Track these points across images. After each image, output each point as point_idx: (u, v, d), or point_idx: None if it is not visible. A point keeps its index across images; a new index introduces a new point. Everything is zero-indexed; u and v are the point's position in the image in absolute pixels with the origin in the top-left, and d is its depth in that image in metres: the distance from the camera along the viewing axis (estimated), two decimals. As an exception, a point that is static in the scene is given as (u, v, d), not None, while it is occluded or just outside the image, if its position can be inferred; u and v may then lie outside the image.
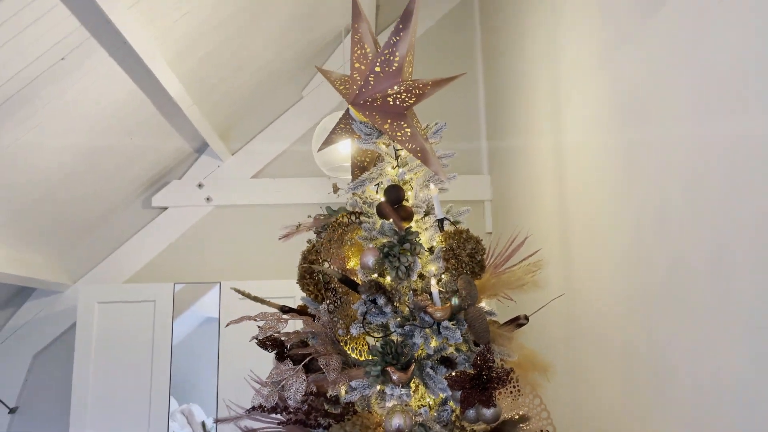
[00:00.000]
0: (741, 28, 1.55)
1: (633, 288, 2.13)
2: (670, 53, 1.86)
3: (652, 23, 1.96)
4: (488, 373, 1.55)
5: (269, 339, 1.77)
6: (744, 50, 1.54)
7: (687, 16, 1.77)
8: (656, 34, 1.94)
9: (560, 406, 2.71)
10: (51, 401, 4.08)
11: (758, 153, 1.50)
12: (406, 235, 1.68)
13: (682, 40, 1.79)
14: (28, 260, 3.64)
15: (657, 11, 1.92)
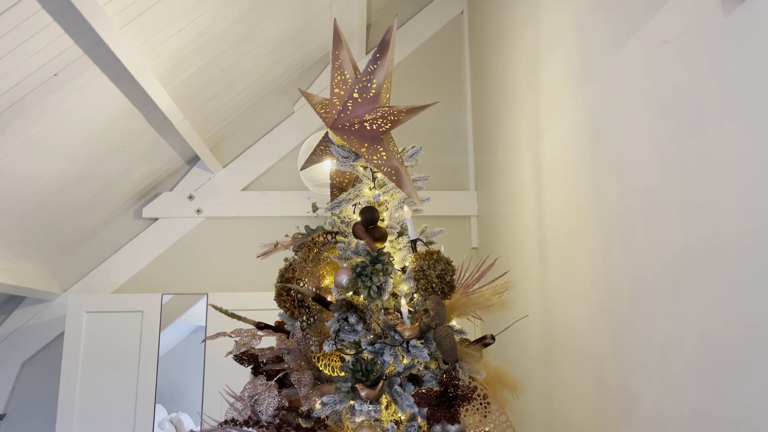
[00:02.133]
0: (697, 63, 1.63)
1: (601, 304, 2.20)
2: (635, 81, 1.95)
3: (621, 53, 2.04)
4: (454, 390, 1.61)
5: (245, 354, 1.83)
6: (700, 82, 1.62)
7: (650, 50, 1.86)
8: (624, 64, 2.02)
9: (536, 419, 2.77)
10: (38, 409, 4.11)
11: (710, 175, 1.58)
12: (379, 256, 1.75)
13: (646, 69, 1.88)
14: (19, 269, 3.69)
15: (624, 44, 2.01)
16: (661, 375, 1.80)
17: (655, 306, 1.84)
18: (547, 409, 2.72)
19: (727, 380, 1.52)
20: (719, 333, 1.55)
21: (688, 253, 1.67)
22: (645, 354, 1.89)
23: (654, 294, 1.85)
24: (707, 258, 1.59)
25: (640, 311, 1.93)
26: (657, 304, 1.83)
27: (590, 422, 2.29)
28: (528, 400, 2.82)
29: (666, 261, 1.78)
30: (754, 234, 1.42)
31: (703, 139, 1.61)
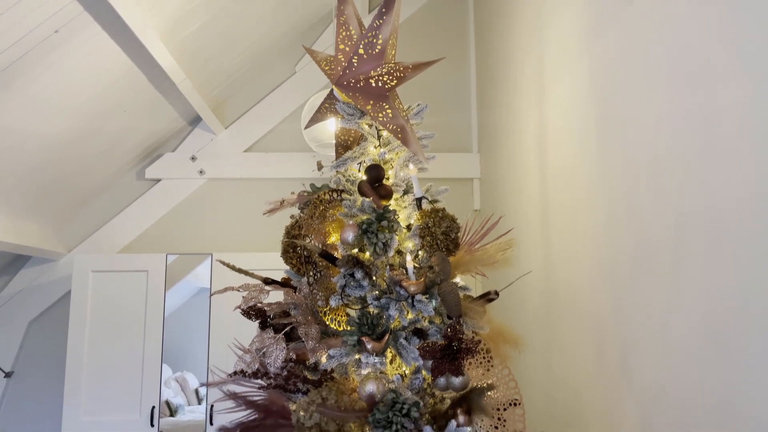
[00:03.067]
0: (707, 14, 1.61)
1: (603, 264, 2.22)
2: (644, 38, 1.93)
3: (629, 10, 2.01)
4: (458, 343, 1.64)
5: (253, 309, 1.86)
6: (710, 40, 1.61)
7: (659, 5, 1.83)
8: (633, 19, 2.00)
9: (536, 375, 2.82)
10: (46, 366, 4.19)
11: (718, 138, 1.57)
12: (385, 213, 1.76)
13: (656, 23, 1.85)
14: (23, 229, 3.72)
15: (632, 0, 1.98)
16: (662, 338, 1.83)
17: (657, 269, 1.86)
18: (546, 371, 2.77)
19: (728, 345, 1.54)
20: (722, 298, 1.57)
21: (692, 218, 1.68)
22: (646, 317, 1.92)
23: (657, 257, 1.86)
24: (711, 223, 1.60)
25: (642, 275, 1.95)
26: (660, 268, 1.84)
27: (589, 384, 2.34)
28: (528, 362, 2.87)
29: (670, 225, 1.79)
30: (759, 199, 1.43)
31: (711, 100, 1.60)
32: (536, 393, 2.81)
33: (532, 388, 2.85)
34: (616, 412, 2.11)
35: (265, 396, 1.72)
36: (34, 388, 4.19)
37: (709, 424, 1.61)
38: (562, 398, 2.60)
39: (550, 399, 2.69)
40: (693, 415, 1.68)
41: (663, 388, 1.83)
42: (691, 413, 1.69)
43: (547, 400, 2.70)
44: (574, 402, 2.48)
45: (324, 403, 1.57)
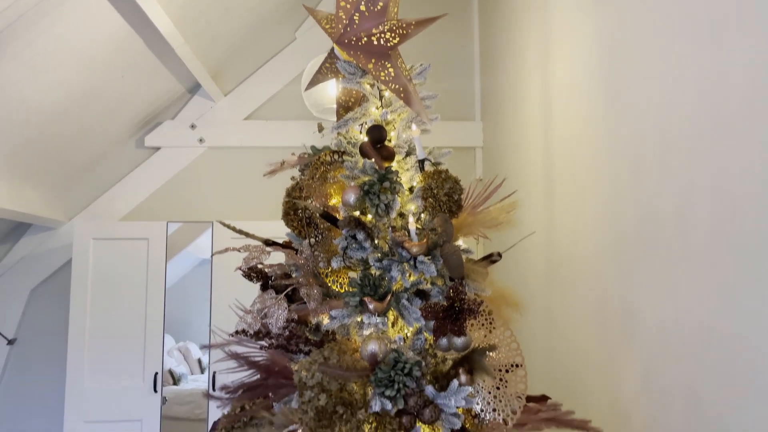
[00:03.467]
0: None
1: (607, 234, 2.21)
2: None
3: (639, -32, 1.96)
4: (460, 304, 1.63)
5: (254, 270, 1.85)
6: None
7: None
8: (642, -21, 1.95)
9: (538, 339, 2.83)
10: (48, 334, 4.21)
11: (728, 98, 1.54)
12: (387, 174, 1.74)
13: (666, -15, 1.81)
14: (23, 196, 3.70)
15: (643, -45, 1.93)
16: (665, 290, 1.82)
17: (662, 234, 1.84)
18: (548, 336, 2.78)
19: (733, 292, 1.54)
20: (727, 244, 1.55)
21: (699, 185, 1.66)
22: (649, 282, 1.91)
23: (662, 222, 1.84)
24: (717, 181, 1.58)
25: (647, 239, 1.94)
26: (665, 233, 1.83)
27: (591, 348, 2.34)
28: (529, 327, 2.87)
29: (676, 189, 1.77)
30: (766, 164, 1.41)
31: (724, 60, 1.56)
32: (538, 357, 2.82)
33: (533, 352, 2.86)
34: (617, 375, 2.12)
35: (267, 356, 1.72)
36: (37, 355, 4.21)
37: (711, 382, 1.61)
38: (563, 362, 2.61)
39: (552, 363, 2.70)
40: (694, 375, 1.68)
41: (666, 336, 1.82)
42: (693, 374, 1.69)
43: (549, 364, 2.72)
44: (575, 365, 2.49)
45: (326, 362, 1.56)
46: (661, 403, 1.84)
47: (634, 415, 1.98)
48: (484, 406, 1.67)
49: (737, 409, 1.52)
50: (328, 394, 1.54)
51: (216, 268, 3.92)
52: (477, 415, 1.69)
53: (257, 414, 1.73)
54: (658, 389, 1.86)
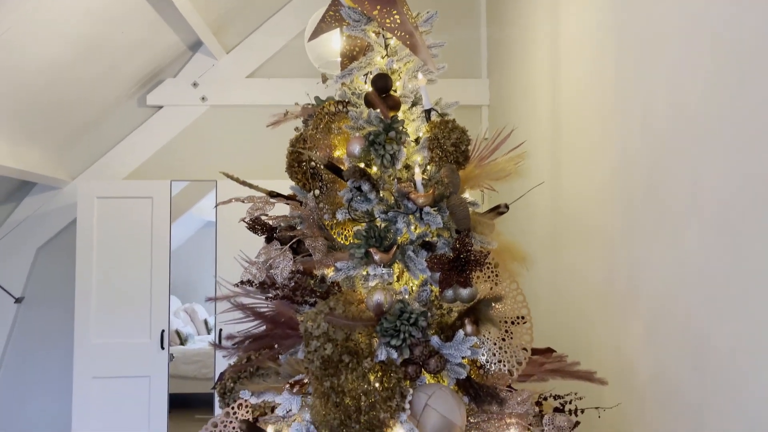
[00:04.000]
0: None
1: (616, 189, 2.18)
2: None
3: None
4: (466, 255, 1.62)
5: (259, 223, 1.84)
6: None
7: None
8: None
9: (541, 296, 2.83)
10: (55, 292, 4.24)
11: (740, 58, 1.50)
12: (392, 124, 1.70)
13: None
14: (26, 155, 3.68)
15: None
16: (673, 245, 1.81)
17: (671, 187, 1.81)
18: (553, 286, 2.78)
19: (743, 246, 1.52)
20: (738, 199, 1.53)
21: (711, 131, 1.62)
22: (658, 225, 1.89)
23: (672, 175, 1.81)
24: (729, 123, 1.54)
25: (655, 193, 1.91)
26: (674, 186, 1.80)
27: (596, 304, 2.33)
28: (535, 278, 2.86)
29: (687, 141, 1.73)
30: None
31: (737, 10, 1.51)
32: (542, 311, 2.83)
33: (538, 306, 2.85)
34: (622, 329, 2.12)
35: (273, 307, 1.72)
36: (45, 313, 4.26)
37: (717, 335, 1.61)
38: (568, 316, 2.61)
39: (557, 317, 2.71)
40: (701, 328, 1.67)
41: (672, 293, 1.82)
42: (700, 327, 1.68)
43: (554, 319, 2.72)
44: (580, 320, 2.50)
45: (332, 312, 1.56)
46: (666, 356, 1.84)
47: (639, 367, 1.99)
48: (489, 357, 1.68)
49: (743, 360, 1.51)
50: (333, 343, 1.54)
51: (221, 225, 3.91)
52: (482, 366, 1.69)
53: (263, 364, 1.74)
54: (664, 342, 1.85)
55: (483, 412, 1.63)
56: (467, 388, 1.64)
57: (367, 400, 1.49)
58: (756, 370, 1.47)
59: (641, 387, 1.97)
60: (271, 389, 1.70)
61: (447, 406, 1.55)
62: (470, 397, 1.63)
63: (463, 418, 1.57)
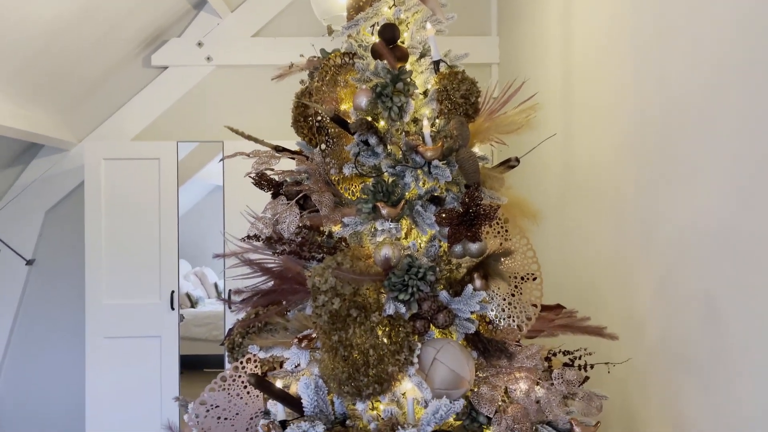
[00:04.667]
0: None
1: (628, 140, 2.13)
2: None
3: None
4: (476, 209, 1.59)
5: (264, 179, 1.81)
6: None
7: None
8: None
9: (550, 252, 2.81)
10: (65, 254, 4.27)
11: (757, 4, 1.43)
12: (400, 75, 1.66)
13: None
14: (32, 116, 3.65)
15: None
16: (686, 196, 1.77)
17: (687, 131, 1.77)
18: (563, 242, 2.75)
19: (757, 203, 1.48)
20: (753, 156, 1.48)
21: (728, 75, 1.56)
22: (671, 176, 1.85)
23: (687, 119, 1.76)
24: (747, 80, 1.49)
25: (668, 146, 1.86)
26: (690, 129, 1.75)
27: (607, 254, 2.31)
28: (544, 234, 2.84)
29: (703, 83, 1.67)
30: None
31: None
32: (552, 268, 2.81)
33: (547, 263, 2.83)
34: (633, 285, 2.10)
35: (280, 263, 1.70)
36: (56, 275, 4.29)
37: (728, 289, 1.58)
38: (578, 273, 2.59)
39: (566, 274, 2.69)
40: (712, 282, 1.65)
41: (685, 241, 1.79)
42: (711, 281, 1.65)
43: (563, 275, 2.70)
44: (590, 276, 2.48)
45: (339, 267, 1.54)
46: (676, 312, 1.82)
47: (650, 324, 1.97)
48: (498, 312, 1.66)
49: (756, 317, 1.49)
50: (341, 298, 1.52)
51: (228, 188, 3.90)
52: (491, 321, 1.68)
53: (271, 320, 1.74)
54: (675, 299, 1.83)
55: (492, 366, 1.62)
56: (476, 343, 1.63)
57: (376, 353, 1.49)
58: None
59: (651, 343, 1.96)
60: (279, 344, 1.70)
61: (455, 360, 1.54)
62: (479, 352, 1.62)
63: (471, 372, 1.56)
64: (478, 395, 1.59)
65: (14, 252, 4.20)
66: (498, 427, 1.56)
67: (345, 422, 1.60)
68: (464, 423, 1.60)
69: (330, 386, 1.54)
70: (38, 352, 4.31)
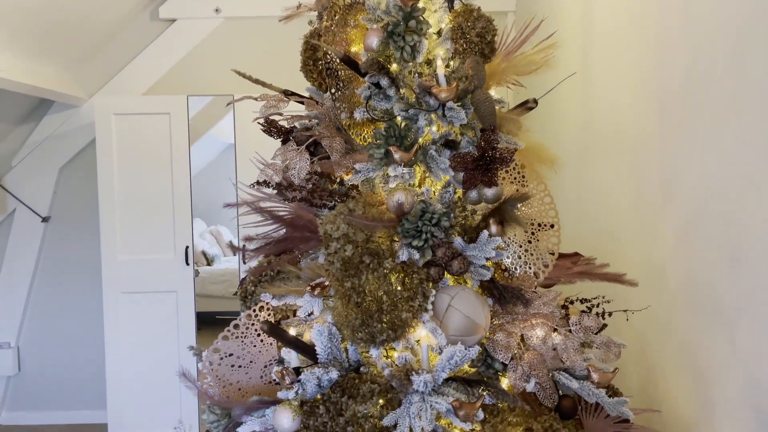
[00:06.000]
0: None
1: (650, 90, 2.04)
2: None
3: None
4: (492, 153, 1.53)
5: (274, 126, 1.77)
6: None
7: None
8: None
9: (568, 200, 2.75)
10: (80, 211, 4.29)
11: None
12: (412, 12, 1.58)
13: None
14: (40, 72, 3.61)
15: None
16: (712, 145, 1.70)
17: (712, 71, 1.68)
18: (581, 191, 2.69)
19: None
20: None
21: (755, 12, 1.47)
22: (696, 125, 1.77)
23: (712, 58, 1.67)
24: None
25: (693, 94, 1.77)
26: (715, 69, 1.67)
27: (627, 203, 2.25)
28: (562, 182, 2.77)
29: (729, 19, 1.58)
30: None
31: None
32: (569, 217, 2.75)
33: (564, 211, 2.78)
34: (654, 234, 2.04)
35: (292, 210, 1.67)
36: (71, 232, 4.32)
37: (753, 238, 1.52)
38: (596, 223, 2.54)
39: (584, 224, 2.63)
40: (737, 231, 1.59)
41: (706, 209, 1.72)
42: (736, 231, 1.60)
43: (581, 225, 2.64)
44: (609, 226, 2.42)
45: (351, 213, 1.51)
46: (700, 259, 1.77)
47: (671, 271, 1.93)
48: (514, 259, 1.62)
49: (785, 257, 1.43)
50: (354, 245, 1.49)
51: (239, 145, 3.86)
52: (506, 269, 1.65)
53: (284, 268, 1.72)
54: (699, 245, 1.78)
55: (507, 313, 1.59)
56: (491, 290, 1.60)
57: (389, 300, 1.46)
58: (798, 267, 1.39)
59: (672, 291, 1.92)
60: (292, 292, 1.68)
61: (470, 306, 1.51)
62: (494, 299, 1.59)
63: (486, 319, 1.53)
64: (494, 342, 1.56)
65: (30, 209, 4.23)
66: (514, 374, 1.54)
67: (359, 369, 1.59)
68: (479, 370, 1.59)
69: (344, 333, 1.52)
70: (58, 307, 4.38)
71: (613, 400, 1.55)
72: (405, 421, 1.39)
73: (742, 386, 1.58)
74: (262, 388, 1.67)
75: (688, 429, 1.82)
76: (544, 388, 1.55)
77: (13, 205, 4.24)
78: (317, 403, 1.48)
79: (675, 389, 1.91)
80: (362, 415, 1.42)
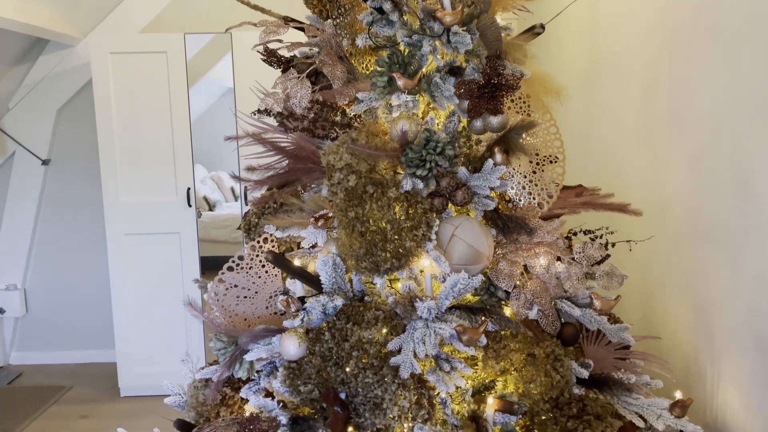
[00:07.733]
0: None
1: (660, 18, 1.98)
2: None
3: None
4: (497, 80, 1.50)
5: (274, 55, 1.73)
6: None
7: None
8: None
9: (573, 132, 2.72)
10: (80, 153, 4.27)
11: None
12: (416, -68, 1.52)
13: None
14: (33, 9, 3.51)
15: None
16: (725, 71, 1.65)
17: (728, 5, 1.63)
18: (587, 122, 2.65)
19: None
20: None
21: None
22: (707, 51, 1.73)
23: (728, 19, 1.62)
24: None
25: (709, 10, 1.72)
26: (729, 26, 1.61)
27: (635, 135, 2.22)
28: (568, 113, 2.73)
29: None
30: None
31: None
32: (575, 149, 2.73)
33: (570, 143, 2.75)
34: (661, 166, 2.02)
35: (293, 142, 1.65)
36: (72, 174, 4.31)
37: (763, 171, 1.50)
38: (602, 154, 2.52)
39: (590, 156, 2.61)
40: (746, 162, 1.57)
41: (715, 139, 1.70)
42: (745, 162, 1.58)
43: (587, 157, 2.62)
44: (615, 158, 2.40)
45: (354, 143, 1.49)
46: (707, 190, 1.76)
47: (676, 202, 1.92)
48: (518, 190, 1.61)
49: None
50: (357, 175, 1.48)
51: (239, 88, 3.80)
52: (510, 200, 1.64)
53: (287, 200, 1.71)
54: (706, 175, 1.76)
55: (511, 242, 1.59)
56: (495, 220, 1.59)
57: (393, 229, 1.46)
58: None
59: (677, 222, 1.91)
60: (295, 224, 1.68)
61: (474, 235, 1.51)
62: (498, 229, 1.59)
63: (490, 248, 1.54)
64: (497, 271, 1.57)
65: (29, 152, 4.20)
66: (516, 302, 1.56)
67: (363, 299, 1.60)
68: (482, 298, 1.60)
69: (348, 263, 1.52)
70: (62, 249, 4.41)
71: (615, 327, 1.56)
72: (409, 345, 1.41)
73: (744, 315, 1.60)
74: (267, 319, 1.69)
75: (687, 356, 1.85)
76: (546, 315, 1.56)
77: (13, 148, 4.21)
78: (322, 329, 1.49)
79: (676, 318, 1.93)
80: (367, 340, 1.44)
